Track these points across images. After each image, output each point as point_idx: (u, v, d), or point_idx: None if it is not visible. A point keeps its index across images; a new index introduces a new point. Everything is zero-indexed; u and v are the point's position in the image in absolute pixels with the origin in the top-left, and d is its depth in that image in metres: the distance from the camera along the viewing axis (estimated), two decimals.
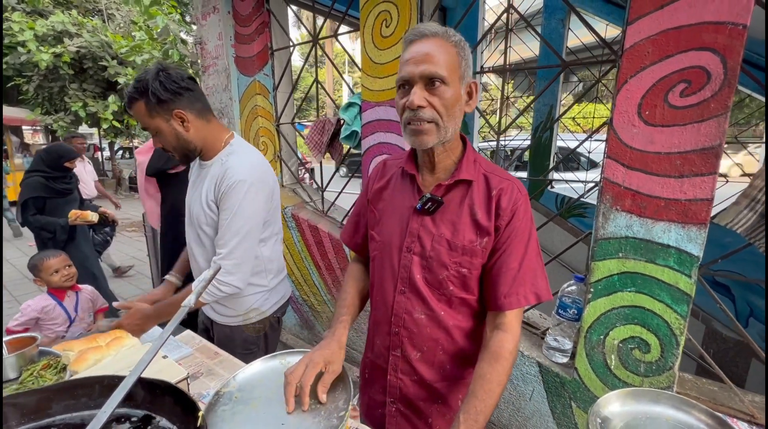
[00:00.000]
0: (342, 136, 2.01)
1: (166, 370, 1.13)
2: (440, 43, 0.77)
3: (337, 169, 2.27)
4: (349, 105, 1.97)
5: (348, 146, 2.10)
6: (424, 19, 1.72)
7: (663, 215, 1.19)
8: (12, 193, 8.29)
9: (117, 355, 1.11)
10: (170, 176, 2.21)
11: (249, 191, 1.18)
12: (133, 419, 0.68)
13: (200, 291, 0.99)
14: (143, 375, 0.70)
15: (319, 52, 2.27)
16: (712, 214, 1.15)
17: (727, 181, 3.95)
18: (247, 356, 1.28)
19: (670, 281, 1.20)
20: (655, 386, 1.27)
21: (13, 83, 8.86)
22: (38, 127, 11.30)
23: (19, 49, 7.98)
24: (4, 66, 8.43)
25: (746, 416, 1.23)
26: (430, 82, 0.76)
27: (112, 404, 0.63)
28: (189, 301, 0.96)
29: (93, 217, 2.79)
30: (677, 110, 1.13)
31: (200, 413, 0.60)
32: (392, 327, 0.91)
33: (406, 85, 0.78)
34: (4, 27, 7.94)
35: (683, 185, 1.15)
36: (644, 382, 1.30)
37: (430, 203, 0.84)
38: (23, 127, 11.88)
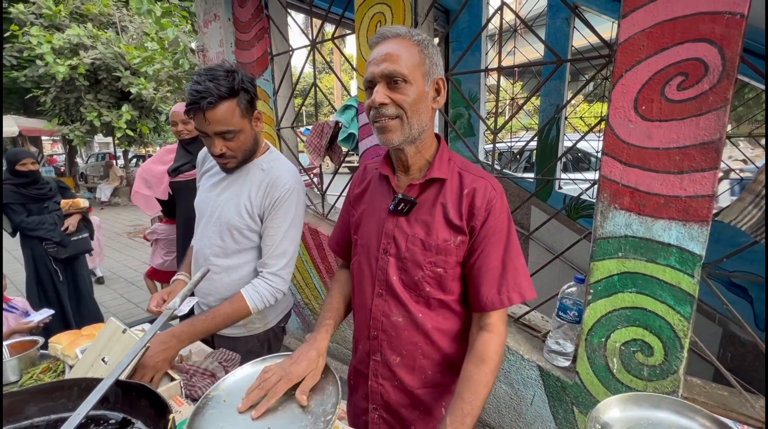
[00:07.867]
0: (339, 138, 2.01)
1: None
2: (402, 42, 0.78)
3: (336, 172, 2.27)
4: (346, 107, 1.97)
5: (346, 149, 2.10)
6: (419, 20, 1.71)
7: (663, 213, 1.15)
8: None
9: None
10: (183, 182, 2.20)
11: (299, 199, 1.19)
12: (111, 422, 0.68)
13: (186, 293, 0.99)
14: (120, 378, 0.70)
15: (322, 56, 2.28)
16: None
17: (742, 179, 3.83)
18: None
19: (672, 281, 1.16)
20: (660, 391, 1.22)
21: (31, 95, 9.14)
22: (57, 137, 11.65)
23: (37, 62, 8.24)
24: (23, 79, 8.71)
25: (757, 423, 1.17)
26: (393, 81, 0.76)
27: (86, 407, 0.63)
28: (174, 304, 0.96)
29: (84, 202, 2.71)
30: (675, 104, 1.09)
31: (171, 416, 0.59)
32: (371, 331, 0.89)
33: (371, 85, 0.80)
34: (22, 41, 8.22)
35: (683, 181, 1.11)
36: (648, 387, 1.25)
37: (403, 204, 0.84)
38: (42, 138, 12.30)
